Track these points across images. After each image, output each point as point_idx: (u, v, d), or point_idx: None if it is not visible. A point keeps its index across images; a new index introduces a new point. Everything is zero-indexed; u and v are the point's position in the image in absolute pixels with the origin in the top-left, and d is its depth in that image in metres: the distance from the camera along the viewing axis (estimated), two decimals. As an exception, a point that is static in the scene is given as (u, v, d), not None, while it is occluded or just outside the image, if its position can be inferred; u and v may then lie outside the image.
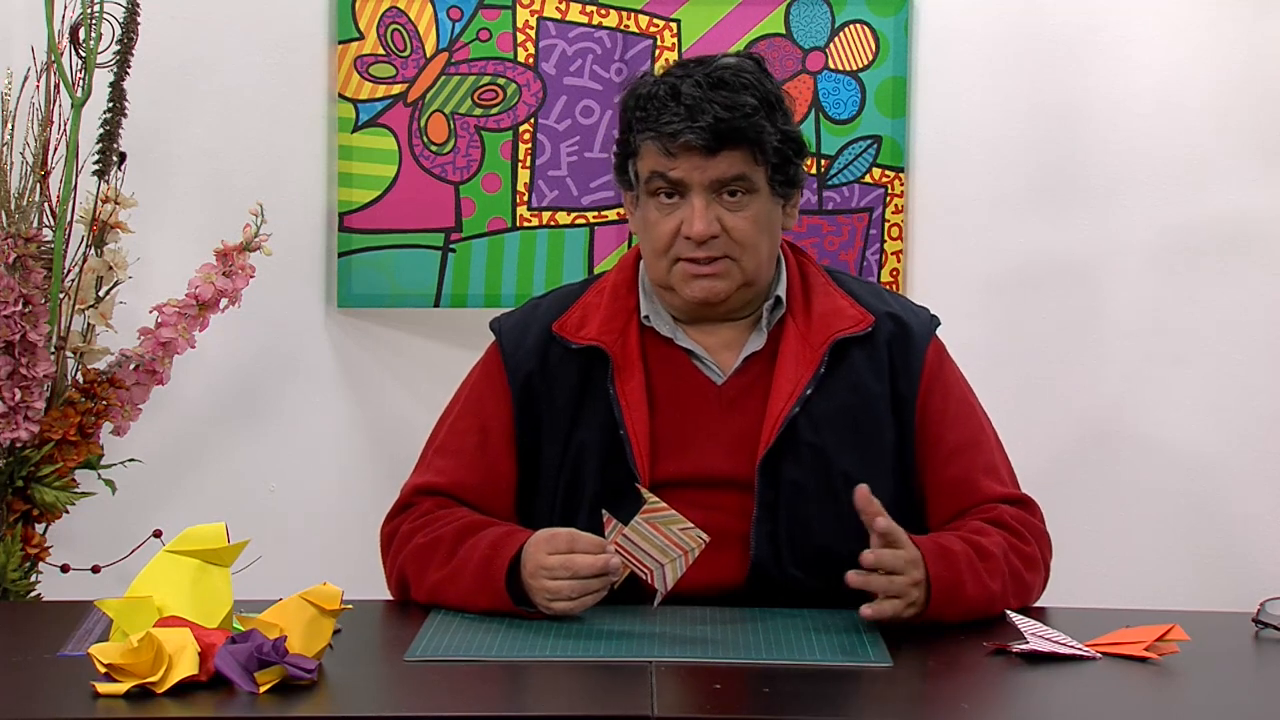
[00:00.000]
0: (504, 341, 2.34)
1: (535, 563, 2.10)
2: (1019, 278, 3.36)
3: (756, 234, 2.25)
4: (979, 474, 2.30)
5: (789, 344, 2.28)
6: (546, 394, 2.29)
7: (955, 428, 2.32)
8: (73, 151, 2.87)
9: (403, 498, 2.32)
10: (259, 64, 3.26)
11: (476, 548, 2.17)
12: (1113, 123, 3.34)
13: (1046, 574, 2.29)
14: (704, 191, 2.23)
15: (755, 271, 2.27)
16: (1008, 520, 2.25)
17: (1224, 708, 1.88)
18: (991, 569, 2.17)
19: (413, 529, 2.25)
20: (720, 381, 2.29)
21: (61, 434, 2.83)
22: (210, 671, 1.79)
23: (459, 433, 2.33)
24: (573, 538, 2.10)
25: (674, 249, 2.25)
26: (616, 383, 2.26)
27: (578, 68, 3.28)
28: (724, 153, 2.22)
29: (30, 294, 2.76)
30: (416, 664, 1.91)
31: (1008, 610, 2.12)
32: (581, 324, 2.30)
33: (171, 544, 1.91)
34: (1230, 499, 3.37)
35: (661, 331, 2.31)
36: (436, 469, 2.32)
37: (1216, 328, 3.36)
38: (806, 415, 2.24)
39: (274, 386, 3.31)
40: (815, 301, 2.32)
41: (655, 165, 2.24)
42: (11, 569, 2.80)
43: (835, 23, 3.29)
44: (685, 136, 2.20)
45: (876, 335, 2.30)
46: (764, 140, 2.23)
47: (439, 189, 3.27)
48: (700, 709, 1.80)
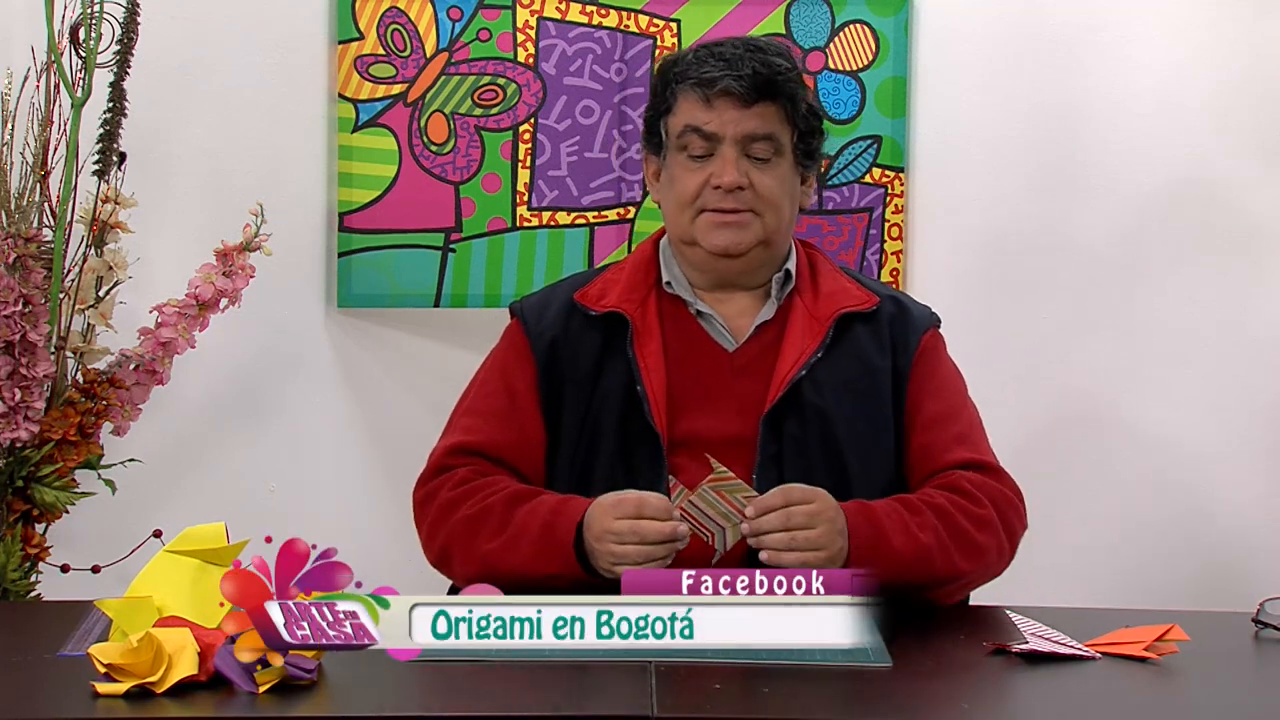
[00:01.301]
0: (527, 316, 2.42)
1: (602, 526, 2.15)
2: (1019, 277, 3.37)
3: (780, 194, 2.36)
4: (949, 441, 2.35)
5: (797, 316, 2.37)
6: (570, 358, 2.36)
7: (935, 400, 2.38)
8: (73, 151, 2.87)
9: (435, 460, 2.35)
10: (259, 64, 3.26)
11: (536, 514, 2.21)
12: (1113, 123, 3.35)
13: (1011, 539, 2.30)
14: (735, 144, 2.32)
15: (775, 231, 2.37)
16: (960, 484, 2.29)
17: (1224, 708, 1.88)
18: (922, 523, 2.20)
19: (453, 498, 2.28)
20: (732, 349, 2.37)
21: (61, 434, 2.83)
22: (210, 671, 1.80)
23: (487, 394, 2.39)
24: (641, 502, 2.15)
25: (700, 200, 2.35)
26: (635, 345, 2.34)
27: (578, 68, 3.28)
28: (760, 105, 2.33)
29: (30, 294, 2.76)
30: (416, 664, 1.91)
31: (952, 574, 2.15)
32: (602, 294, 2.39)
33: (171, 544, 1.91)
34: (1230, 499, 3.38)
35: (681, 295, 2.39)
36: (466, 428, 2.37)
37: (1216, 327, 3.36)
38: (811, 380, 2.32)
39: (274, 386, 3.31)
40: (822, 281, 2.41)
41: (690, 118, 2.34)
42: (11, 569, 2.80)
43: (835, 23, 3.29)
44: (725, 82, 2.31)
45: (880, 314, 2.39)
46: (797, 101, 2.36)
47: (439, 189, 3.28)
48: (700, 709, 1.80)
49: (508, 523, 2.22)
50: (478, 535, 2.23)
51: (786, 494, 2.14)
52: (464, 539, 2.25)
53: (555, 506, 2.22)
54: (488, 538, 2.22)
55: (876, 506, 2.21)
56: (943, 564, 2.19)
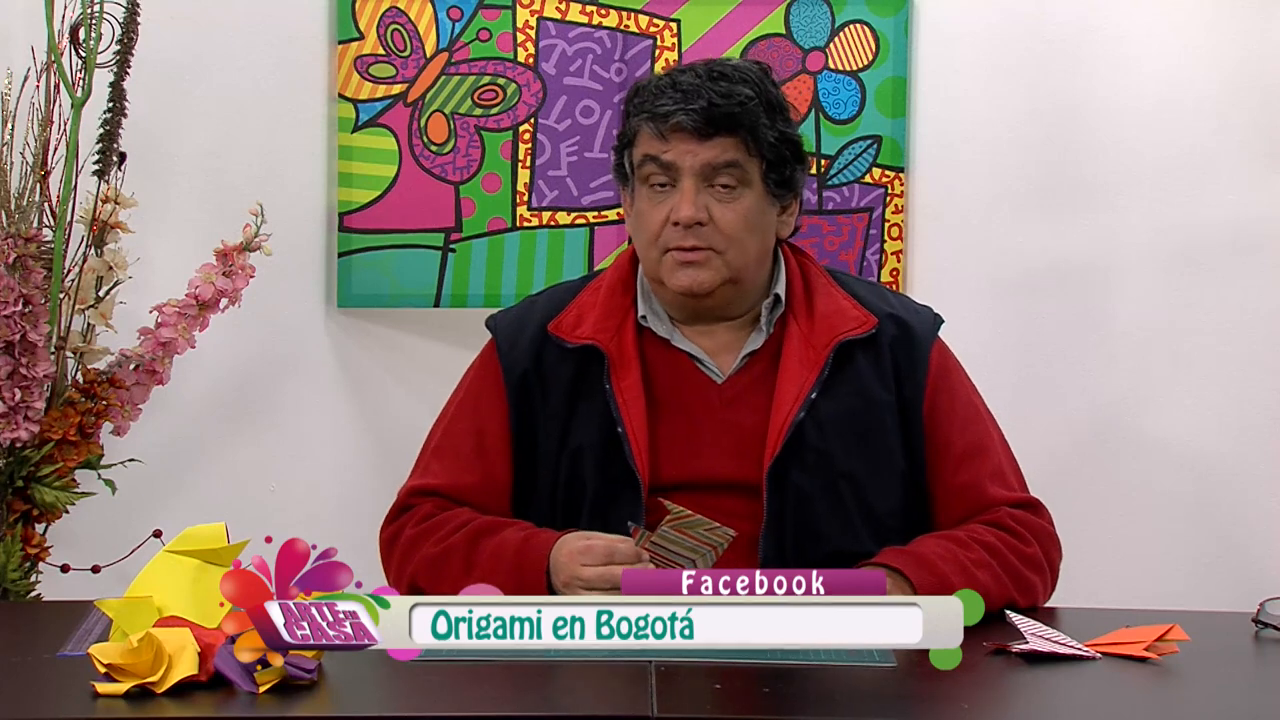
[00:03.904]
0: (499, 339, 2.35)
1: (570, 573, 2.11)
2: (1019, 278, 3.36)
3: (744, 229, 2.25)
4: (986, 480, 2.30)
5: (792, 344, 2.28)
6: (541, 394, 2.29)
7: (963, 432, 2.31)
8: (73, 151, 2.87)
9: (400, 500, 2.32)
10: (259, 64, 3.26)
11: (501, 556, 2.17)
12: (1113, 123, 3.35)
13: (1054, 575, 2.29)
14: (694, 176, 2.23)
15: (741, 269, 2.27)
16: (1007, 522, 2.25)
17: (1224, 708, 1.88)
18: (977, 560, 2.18)
19: (416, 534, 2.25)
20: (720, 380, 2.29)
21: (61, 434, 2.83)
22: (210, 671, 1.79)
23: (455, 435, 2.34)
24: (610, 550, 2.11)
25: (663, 238, 2.25)
26: (613, 380, 2.25)
27: (578, 68, 3.28)
28: (717, 138, 2.23)
29: (30, 294, 2.76)
30: (416, 664, 1.91)
31: (1009, 608, 2.12)
32: (577, 323, 2.30)
33: (171, 544, 1.91)
34: (1230, 499, 3.38)
35: (658, 332, 2.31)
36: (433, 471, 2.32)
37: (1216, 327, 3.36)
38: (812, 419, 2.24)
39: (274, 386, 3.31)
40: (818, 302, 2.31)
41: (648, 148, 2.25)
42: (11, 569, 2.80)
43: (835, 23, 3.29)
44: (677, 118, 2.22)
45: (880, 338, 2.30)
46: (759, 131, 2.24)
47: (439, 189, 3.28)
48: (700, 709, 1.80)
49: (472, 562, 2.18)
50: (443, 575, 2.19)
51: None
52: (430, 577, 2.21)
53: (519, 547, 2.17)
54: (454, 578, 2.17)
55: (928, 552, 2.17)
56: (999, 601, 2.16)
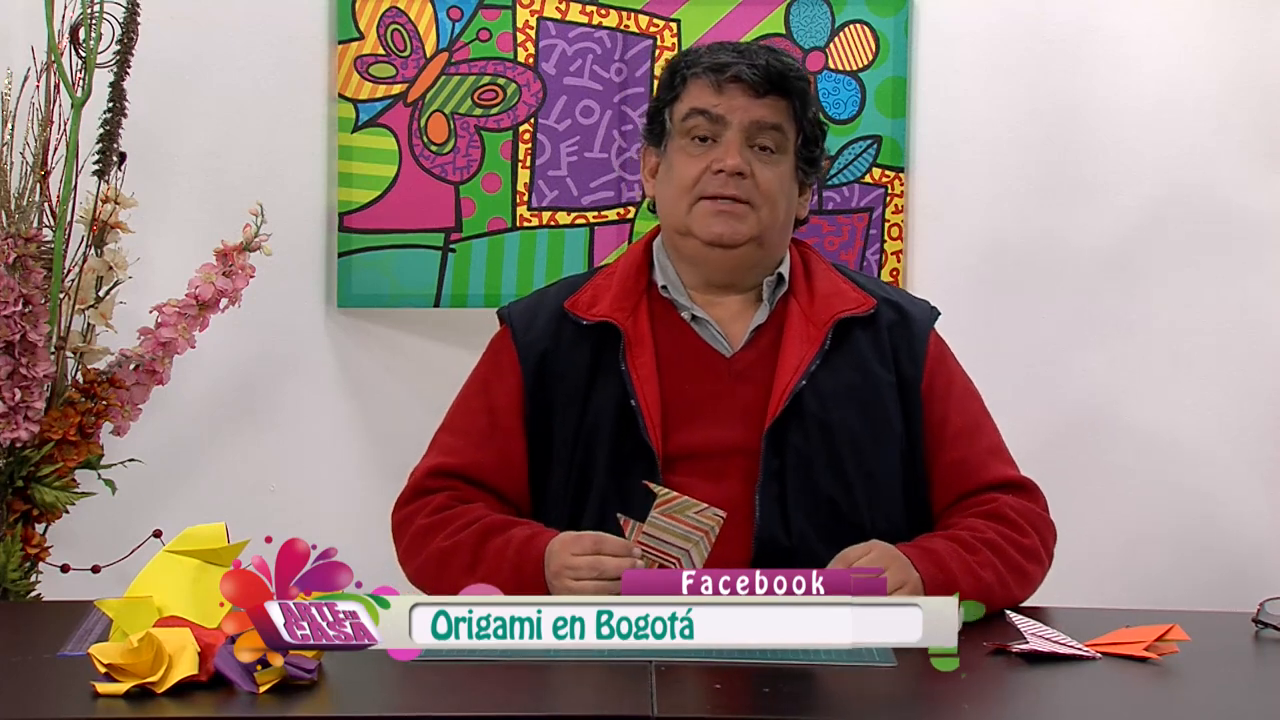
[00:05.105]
0: (515, 324, 2.40)
1: (560, 562, 2.15)
2: (1019, 277, 3.36)
3: (779, 191, 2.34)
4: (982, 454, 2.35)
5: (794, 320, 2.35)
6: (559, 372, 2.34)
7: (960, 411, 2.37)
8: (73, 151, 2.87)
9: (414, 482, 2.35)
10: (259, 64, 3.26)
11: (504, 555, 2.21)
12: (1113, 123, 3.34)
13: (1050, 560, 2.33)
14: (741, 131, 2.32)
15: (769, 227, 2.34)
16: (1006, 513, 2.29)
17: (1224, 708, 1.88)
18: (981, 561, 2.21)
19: (429, 525, 2.28)
20: (729, 355, 2.35)
21: (61, 434, 2.83)
22: (210, 671, 1.80)
23: (469, 413, 2.38)
24: (598, 540, 2.15)
25: (699, 186, 2.33)
26: (628, 357, 2.31)
27: (578, 68, 3.28)
28: (769, 97, 2.33)
29: (30, 294, 2.76)
30: (416, 664, 1.91)
31: (1008, 605, 2.14)
32: (593, 302, 2.37)
33: (171, 544, 1.91)
34: (1230, 499, 3.38)
35: (675, 299, 2.36)
36: (448, 449, 2.36)
37: (1216, 327, 3.36)
38: (813, 390, 2.30)
39: (274, 386, 3.31)
40: (817, 283, 2.39)
41: (698, 101, 2.34)
42: (11, 569, 2.80)
43: (835, 23, 3.29)
44: (738, 68, 2.32)
45: (878, 319, 2.37)
46: (807, 101, 2.36)
47: (439, 189, 3.28)
48: (700, 709, 1.80)
49: (478, 560, 2.22)
50: (448, 570, 2.24)
51: (844, 558, 2.14)
52: (436, 571, 2.26)
53: (521, 545, 2.22)
54: (459, 574, 2.21)
55: (939, 549, 2.21)
56: (1001, 599, 2.20)
